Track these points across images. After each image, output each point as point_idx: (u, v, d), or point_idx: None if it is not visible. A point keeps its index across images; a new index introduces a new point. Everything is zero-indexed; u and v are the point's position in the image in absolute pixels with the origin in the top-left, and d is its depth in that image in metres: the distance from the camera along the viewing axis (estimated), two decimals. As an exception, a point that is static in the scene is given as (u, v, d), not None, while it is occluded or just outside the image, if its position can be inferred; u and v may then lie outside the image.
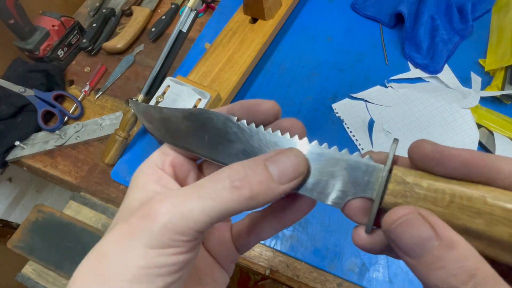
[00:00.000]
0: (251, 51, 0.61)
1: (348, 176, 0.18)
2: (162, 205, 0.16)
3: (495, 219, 0.15)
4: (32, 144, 0.63)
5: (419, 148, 0.17)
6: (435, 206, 0.16)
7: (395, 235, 0.15)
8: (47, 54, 0.70)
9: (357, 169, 0.18)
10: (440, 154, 0.16)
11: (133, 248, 0.16)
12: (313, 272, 0.48)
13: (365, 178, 0.18)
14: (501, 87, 0.55)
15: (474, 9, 0.65)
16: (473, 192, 0.15)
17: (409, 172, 0.17)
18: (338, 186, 0.18)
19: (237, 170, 0.17)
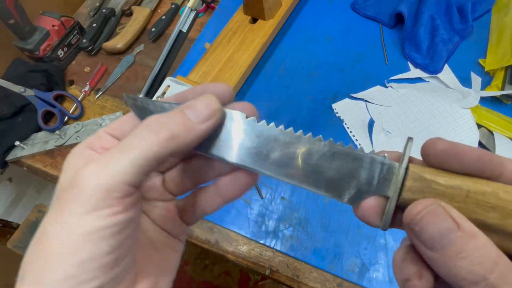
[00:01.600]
0: (251, 51, 0.61)
1: (364, 174, 0.18)
2: (86, 169, 0.16)
3: (507, 212, 0.15)
4: (32, 144, 0.63)
5: (435, 145, 0.17)
6: (453, 202, 0.16)
7: (420, 227, 0.15)
8: (47, 54, 0.70)
9: (373, 166, 0.18)
10: (456, 150, 0.17)
11: (69, 219, 0.16)
12: (313, 272, 0.48)
13: (381, 176, 0.18)
14: (501, 87, 0.55)
15: (474, 9, 0.65)
16: (486, 187, 0.16)
17: (425, 169, 0.17)
18: (353, 184, 0.18)
19: (155, 118, 0.18)
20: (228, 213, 0.53)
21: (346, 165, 0.18)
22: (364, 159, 0.18)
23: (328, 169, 0.18)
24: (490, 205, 0.16)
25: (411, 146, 0.18)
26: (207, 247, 0.52)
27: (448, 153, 0.17)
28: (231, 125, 0.20)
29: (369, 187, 0.18)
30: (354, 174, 0.18)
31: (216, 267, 1.16)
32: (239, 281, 1.13)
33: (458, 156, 0.17)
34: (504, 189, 0.16)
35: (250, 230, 0.51)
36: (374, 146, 0.55)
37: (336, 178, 0.18)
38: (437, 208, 0.16)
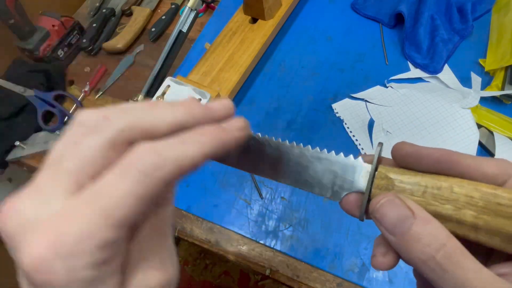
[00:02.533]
0: (251, 51, 0.61)
1: (344, 175, 0.22)
2: None
3: (461, 204, 0.18)
4: (32, 144, 0.63)
5: (400, 149, 0.20)
6: (413, 196, 0.19)
7: (380, 214, 0.18)
8: (47, 54, 0.70)
9: (351, 168, 0.22)
10: (417, 153, 0.20)
11: None
12: (313, 272, 0.48)
13: (357, 176, 0.22)
14: (501, 87, 0.55)
15: (474, 9, 0.65)
16: (442, 183, 0.19)
17: (391, 169, 0.21)
18: (337, 183, 0.22)
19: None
20: (228, 213, 0.53)
21: (329, 168, 0.22)
22: (343, 162, 0.22)
23: (315, 172, 0.22)
24: (445, 198, 0.18)
25: (379, 150, 0.21)
26: (207, 247, 0.52)
27: (411, 156, 0.20)
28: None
29: (349, 185, 0.22)
30: (336, 176, 0.22)
31: (216, 267, 1.16)
32: (239, 281, 1.13)
33: (419, 158, 0.20)
34: (458, 184, 0.18)
35: (250, 230, 0.51)
36: (374, 146, 0.55)
37: (322, 179, 0.22)
38: (394, 198, 0.19)
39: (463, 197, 0.18)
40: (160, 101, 0.19)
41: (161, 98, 0.52)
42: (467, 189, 0.18)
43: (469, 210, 0.18)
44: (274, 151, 0.23)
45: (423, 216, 0.18)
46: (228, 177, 0.56)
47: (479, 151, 0.52)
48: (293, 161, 0.22)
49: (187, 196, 0.55)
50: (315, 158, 0.22)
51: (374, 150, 0.21)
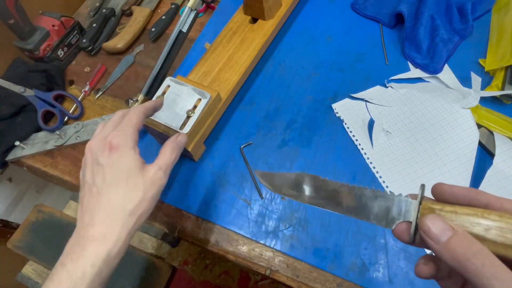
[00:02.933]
0: (251, 51, 0.61)
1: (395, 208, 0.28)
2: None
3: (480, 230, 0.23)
4: (32, 144, 0.63)
5: (438, 188, 0.27)
6: (451, 221, 0.24)
7: (427, 227, 0.24)
8: (47, 54, 0.70)
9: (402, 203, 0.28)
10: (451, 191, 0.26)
11: None
12: (313, 272, 0.48)
13: (406, 209, 0.27)
14: (501, 87, 0.55)
15: (474, 9, 0.65)
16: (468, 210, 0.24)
17: (433, 202, 0.26)
18: (390, 215, 0.28)
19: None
20: (228, 213, 0.53)
21: (384, 203, 0.28)
22: (395, 199, 0.28)
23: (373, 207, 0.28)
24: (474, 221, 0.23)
25: (423, 190, 0.27)
26: (207, 247, 0.52)
27: (446, 193, 0.26)
28: None
29: (399, 216, 0.27)
30: (389, 209, 0.28)
31: (216, 267, 1.16)
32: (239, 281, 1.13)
33: (452, 195, 0.26)
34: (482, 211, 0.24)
35: (250, 230, 0.51)
36: (374, 146, 0.55)
37: (379, 212, 0.28)
38: (436, 216, 0.24)
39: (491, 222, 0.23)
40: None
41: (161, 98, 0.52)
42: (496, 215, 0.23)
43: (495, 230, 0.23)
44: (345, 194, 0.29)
45: (461, 231, 0.23)
46: (228, 177, 0.56)
47: (479, 151, 0.52)
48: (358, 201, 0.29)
49: (187, 196, 0.55)
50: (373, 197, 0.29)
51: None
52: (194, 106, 0.51)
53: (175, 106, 0.51)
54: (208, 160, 0.58)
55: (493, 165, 0.50)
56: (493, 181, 0.49)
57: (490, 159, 0.51)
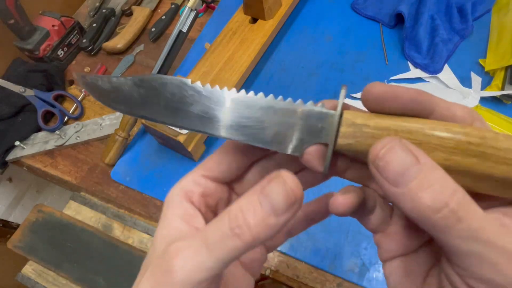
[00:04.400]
0: (251, 51, 0.61)
1: (304, 125, 0.19)
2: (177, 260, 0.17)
3: (432, 146, 0.17)
4: (32, 144, 0.63)
5: (372, 89, 0.18)
6: None
7: (384, 162, 0.16)
8: (47, 54, 0.70)
9: (311, 117, 0.19)
10: (392, 92, 0.18)
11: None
12: (313, 272, 0.48)
13: (319, 125, 0.19)
14: (501, 87, 0.55)
15: (474, 9, 0.65)
16: (413, 125, 0.17)
17: (358, 114, 0.18)
18: (295, 135, 0.19)
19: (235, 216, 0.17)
20: (228, 213, 0.53)
21: (286, 119, 0.19)
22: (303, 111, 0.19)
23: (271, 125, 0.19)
24: (417, 141, 0.17)
25: (344, 93, 0.19)
26: (207, 247, 0.52)
27: (384, 96, 0.18)
28: None
29: (310, 137, 0.19)
30: (294, 126, 0.19)
31: (216, 267, 1.16)
32: (239, 281, 1.13)
33: (393, 98, 0.18)
34: (429, 126, 0.17)
35: (250, 230, 0.51)
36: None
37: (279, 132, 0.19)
38: (398, 143, 0.16)
39: (434, 139, 0.17)
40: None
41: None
42: (438, 130, 0.17)
43: (440, 152, 0.17)
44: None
45: (429, 162, 0.16)
46: (228, 177, 0.56)
47: (479, 151, 0.52)
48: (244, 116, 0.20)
49: (187, 196, 0.55)
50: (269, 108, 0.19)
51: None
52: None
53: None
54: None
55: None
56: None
57: (490, 159, 0.51)
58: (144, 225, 0.55)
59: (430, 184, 0.15)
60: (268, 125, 0.19)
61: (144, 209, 0.55)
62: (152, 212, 0.55)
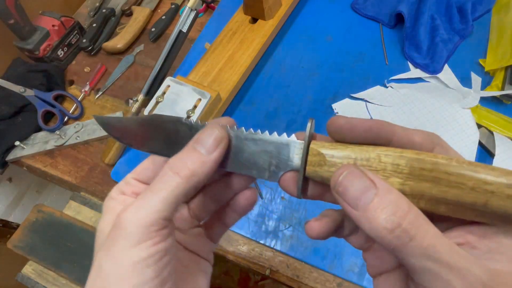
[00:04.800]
0: (251, 51, 0.61)
1: (278, 155, 0.22)
2: (126, 212, 0.20)
3: (388, 173, 0.19)
4: (32, 144, 0.63)
5: (333, 123, 0.21)
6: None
7: (343, 187, 0.18)
8: (47, 54, 0.70)
9: (284, 148, 0.22)
10: (349, 124, 0.20)
11: (118, 254, 0.19)
12: (313, 272, 0.48)
13: (290, 155, 0.22)
14: (501, 87, 0.55)
15: (474, 9, 0.65)
16: (370, 153, 0.19)
17: (323, 144, 0.21)
18: (272, 163, 0.22)
19: (174, 161, 0.21)
20: (228, 213, 0.53)
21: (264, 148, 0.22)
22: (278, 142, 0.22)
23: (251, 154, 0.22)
24: (374, 169, 0.19)
25: (309, 126, 0.21)
26: (207, 247, 0.52)
27: (344, 127, 0.20)
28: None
29: (284, 165, 0.22)
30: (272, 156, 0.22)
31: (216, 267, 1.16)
32: (239, 281, 1.13)
33: (352, 129, 0.20)
34: (385, 153, 0.19)
35: (250, 230, 0.51)
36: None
37: (259, 160, 0.22)
38: (354, 170, 0.18)
39: (390, 166, 0.19)
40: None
41: (161, 98, 0.52)
42: (393, 157, 0.19)
43: (396, 178, 0.19)
44: None
45: (384, 186, 0.17)
46: (228, 177, 0.56)
47: (479, 151, 0.52)
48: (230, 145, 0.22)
49: (187, 196, 0.55)
50: (250, 140, 0.22)
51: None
52: (194, 106, 0.51)
53: (175, 106, 0.51)
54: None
55: (493, 165, 0.50)
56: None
57: (490, 159, 0.51)
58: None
59: (384, 206, 0.17)
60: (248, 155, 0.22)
61: (144, 209, 0.55)
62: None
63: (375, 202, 0.17)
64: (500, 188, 0.17)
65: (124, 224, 0.19)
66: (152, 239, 0.19)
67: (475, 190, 0.17)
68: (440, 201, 0.18)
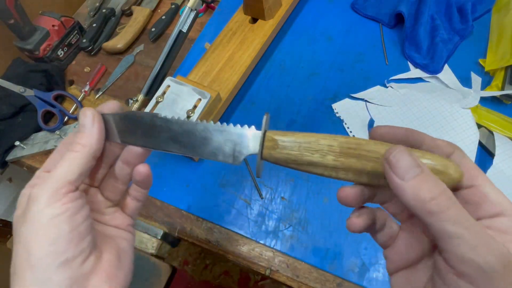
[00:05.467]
0: (251, 51, 0.61)
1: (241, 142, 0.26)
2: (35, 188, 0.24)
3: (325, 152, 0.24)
4: (32, 144, 0.63)
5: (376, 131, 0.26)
6: (292, 150, 0.25)
7: (396, 159, 0.21)
8: (47, 54, 0.70)
9: (245, 136, 0.26)
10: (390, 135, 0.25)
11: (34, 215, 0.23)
12: (313, 272, 0.48)
13: (251, 142, 0.26)
14: (501, 87, 0.55)
15: (474, 9, 0.65)
16: (310, 138, 0.25)
17: (276, 132, 0.26)
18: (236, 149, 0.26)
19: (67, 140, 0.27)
20: (228, 213, 0.53)
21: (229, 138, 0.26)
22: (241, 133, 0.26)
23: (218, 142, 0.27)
24: (313, 149, 0.24)
25: (266, 118, 0.26)
26: (207, 247, 0.52)
27: (386, 136, 0.25)
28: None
29: (246, 150, 0.26)
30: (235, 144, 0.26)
31: (216, 267, 1.16)
32: (239, 281, 1.13)
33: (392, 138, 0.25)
34: (322, 138, 0.24)
35: (250, 230, 0.51)
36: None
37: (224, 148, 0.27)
38: (406, 149, 0.21)
39: (326, 147, 0.24)
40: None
41: (161, 98, 0.52)
42: (328, 140, 0.24)
43: (330, 156, 0.24)
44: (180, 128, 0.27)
45: (427, 169, 0.21)
46: (228, 177, 0.56)
47: (479, 151, 0.52)
48: (199, 135, 0.26)
49: (187, 196, 0.55)
50: (217, 131, 0.26)
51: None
52: (194, 106, 0.51)
53: (175, 106, 0.51)
54: (208, 160, 0.58)
55: (493, 165, 0.50)
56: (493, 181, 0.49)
57: (490, 159, 0.51)
58: (144, 225, 0.55)
59: (427, 181, 0.20)
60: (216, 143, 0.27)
61: (144, 209, 0.55)
62: (152, 212, 0.55)
63: (421, 176, 0.20)
64: None
65: (34, 195, 0.23)
66: (61, 200, 0.23)
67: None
68: (362, 172, 0.24)
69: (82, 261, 0.24)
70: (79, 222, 0.24)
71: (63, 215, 0.23)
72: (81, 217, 0.24)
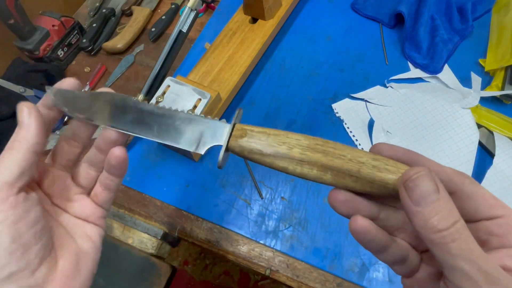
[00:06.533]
0: (251, 51, 0.61)
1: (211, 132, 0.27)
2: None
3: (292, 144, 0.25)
4: (32, 144, 0.63)
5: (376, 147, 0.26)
6: (260, 140, 0.26)
7: (414, 184, 0.20)
8: (47, 54, 0.70)
9: (215, 127, 0.27)
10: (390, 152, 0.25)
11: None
12: (313, 272, 0.48)
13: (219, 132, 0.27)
14: (501, 87, 0.55)
15: (474, 9, 0.65)
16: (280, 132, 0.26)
17: (246, 125, 0.27)
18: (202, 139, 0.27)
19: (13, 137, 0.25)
20: (228, 213, 0.53)
21: (198, 127, 0.27)
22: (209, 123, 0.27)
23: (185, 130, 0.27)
24: (281, 141, 0.25)
25: (237, 113, 0.27)
26: (207, 247, 0.52)
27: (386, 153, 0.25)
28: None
29: (213, 140, 0.27)
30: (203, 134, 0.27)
31: (216, 267, 1.16)
32: (239, 281, 1.13)
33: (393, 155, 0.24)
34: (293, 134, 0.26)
35: (250, 230, 0.51)
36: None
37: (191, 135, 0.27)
38: (428, 173, 0.20)
39: (294, 140, 0.25)
40: None
41: (161, 98, 0.52)
42: (297, 135, 0.26)
43: (297, 149, 0.25)
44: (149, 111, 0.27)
45: (445, 194, 0.20)
46: (228, 177, 0.56)
47: (479, 151, 0.52)
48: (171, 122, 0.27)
49: (187, 196, 0.55)
50: (188, 119, 0.27)
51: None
52: (194, 106, 0.51)
53: (175, 106, 0.51)
54: (208, 160, 0.58)
55: (493, 165, 0.50)
56: (493, 181, 0.49)
57: (490, 159, 0.51)
58: (144, 225, 0.55)
59: (440, 210, 0.19)
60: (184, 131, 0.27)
61: (144, 209, 0.55)
62: (152, 212, 0.55)
63: (435, 205, 0.19)
64: (368, 161, 0.23)
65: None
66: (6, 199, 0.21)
67: (352, 161, 0.24)
68: (327, 168, 0.24)
69: (30, 273, 0.21)
70: (23, 231, 0.21)
71: (1, 224, 0.21)
72: (26, 224, 0.22)
